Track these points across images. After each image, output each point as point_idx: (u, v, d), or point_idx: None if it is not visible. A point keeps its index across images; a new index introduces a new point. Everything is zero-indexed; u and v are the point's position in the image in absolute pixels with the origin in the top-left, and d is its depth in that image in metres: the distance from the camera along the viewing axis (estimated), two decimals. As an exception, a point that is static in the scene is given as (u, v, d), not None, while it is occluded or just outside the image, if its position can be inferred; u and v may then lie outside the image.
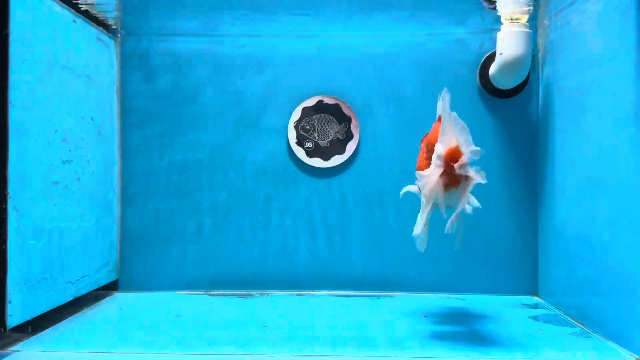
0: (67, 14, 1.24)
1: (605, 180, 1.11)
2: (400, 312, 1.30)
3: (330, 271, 1.51)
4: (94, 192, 1.37)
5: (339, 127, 1.50)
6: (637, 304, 0.98)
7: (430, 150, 1.04)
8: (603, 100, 1.13)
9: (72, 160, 1.25)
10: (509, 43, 1.32)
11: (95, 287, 1.39)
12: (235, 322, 1.21)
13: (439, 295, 1.47)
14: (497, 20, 1.35)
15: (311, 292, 1.50)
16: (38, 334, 1.11)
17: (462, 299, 1.44)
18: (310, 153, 1.50)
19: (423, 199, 1.02)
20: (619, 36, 1.06)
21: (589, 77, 1.19)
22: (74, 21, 1.27)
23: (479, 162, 1.46)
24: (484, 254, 1.49)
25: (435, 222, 1.48)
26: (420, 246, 1.05)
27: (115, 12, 1.37)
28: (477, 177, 0.96)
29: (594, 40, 1.17)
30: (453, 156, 0.97)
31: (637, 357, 0.98)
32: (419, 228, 1.04)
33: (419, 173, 1.03)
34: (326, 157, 1.50)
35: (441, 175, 0.99)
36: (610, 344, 1.07)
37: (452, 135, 0.98)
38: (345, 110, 1.50)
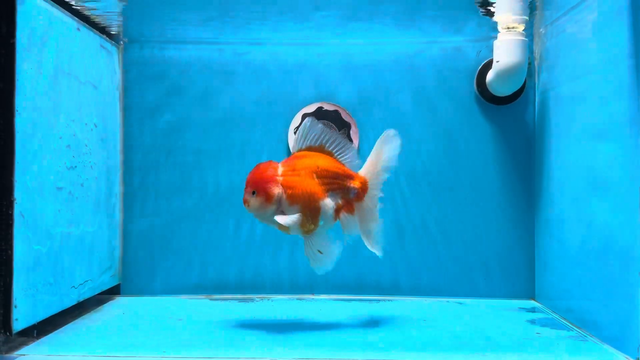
0: (71, 22, 1.26)
1: (601, 185, 1.13)
2: (399, 316, 1.32)
3: (329, 276, 1.52)
4: (97, 197, 1.38)
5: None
6: (633, 307, 1.00)
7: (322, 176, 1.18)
8: (598, 107, 1.15)
9: (76, 166, 1.27)
10: (505, 51, 1.34)
11: (98, 291, 1.40)
12: (236, 326, 1.23)
13: (436, 299, 1.49)
14: (494, 28, 1.37)
15: (311, 297, 1.51)
16: (43, 338, 1.12)
17: (460, 303, 1.45)
18: (310, 159, 1.51)
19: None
20: (612, 45, 1.08)
21: (584, 84, 1.21)
22: (79, 29, 1.29)
23: (477, 166, 1.49)
24: (481, 259, 1.50)
25: (431, 225, 1.50)
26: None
27: (118, 20, 1.39)
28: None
29: (589, 49, 1.19)
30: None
31: None
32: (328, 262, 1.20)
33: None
34: (326, 163, 1.51)
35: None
36: (607, 347, 1.08)
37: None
38: (344, 116, 1.52)
